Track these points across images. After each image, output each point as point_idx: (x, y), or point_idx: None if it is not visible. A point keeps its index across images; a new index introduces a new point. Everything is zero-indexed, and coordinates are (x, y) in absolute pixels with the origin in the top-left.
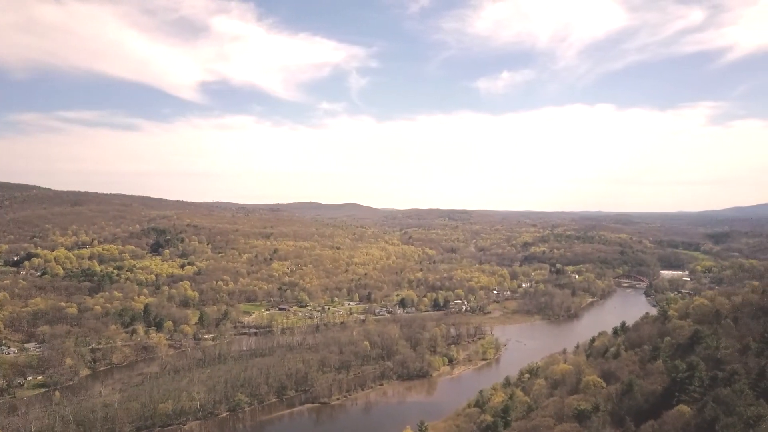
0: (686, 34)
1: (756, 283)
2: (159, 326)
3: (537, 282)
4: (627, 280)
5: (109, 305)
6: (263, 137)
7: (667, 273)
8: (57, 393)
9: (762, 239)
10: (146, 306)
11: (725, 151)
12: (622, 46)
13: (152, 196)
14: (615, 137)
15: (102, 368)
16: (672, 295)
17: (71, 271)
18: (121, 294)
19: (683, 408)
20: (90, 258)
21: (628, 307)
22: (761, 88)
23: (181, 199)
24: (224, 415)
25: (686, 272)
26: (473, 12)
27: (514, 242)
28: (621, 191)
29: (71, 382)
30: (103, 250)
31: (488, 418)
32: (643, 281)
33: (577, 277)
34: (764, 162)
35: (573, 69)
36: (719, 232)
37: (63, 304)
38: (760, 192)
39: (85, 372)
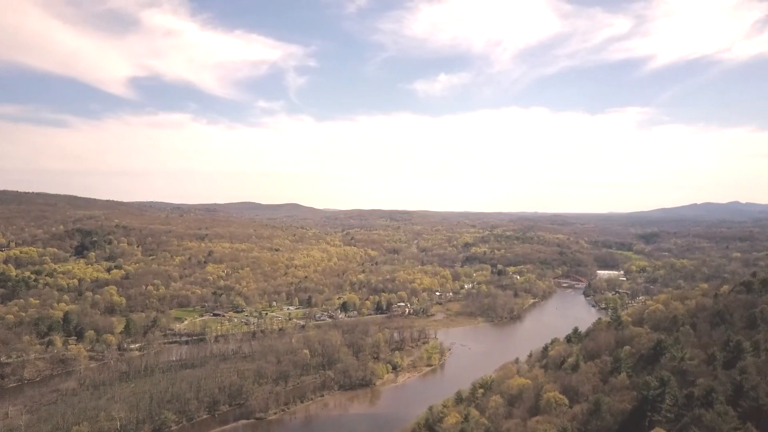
0: (614, 42)
1: (705, 285)
2: (80, 336)
3: (479, 283)
4: (566, 281)
5: (24, 314)
6: (199, 135)
7: (603, 273)
8: None
9: (689, 239)
10: (66, 314)
11: (652, 154)
12: (554, 52)
13: (80, 195)
14: (549, 140)
15: (11, 385)
16: (610, 295)
17: None
18: (38, 301)
19: (660, 431)
20: (5, 262)
21: (569, 308)
22: (682, 96)
23: (111, 199)
24: None
25: (622, 272)
26: (410, 14)
27: (455, 243)
28: (556, 192)
29: None
30: (20, 252)
31: None
32: (581, 281)
33: (518, 278)
34: (686, 165)
35: (508, 73)
36: (649, 232)
37: None
38: (683, 194)
39: None
